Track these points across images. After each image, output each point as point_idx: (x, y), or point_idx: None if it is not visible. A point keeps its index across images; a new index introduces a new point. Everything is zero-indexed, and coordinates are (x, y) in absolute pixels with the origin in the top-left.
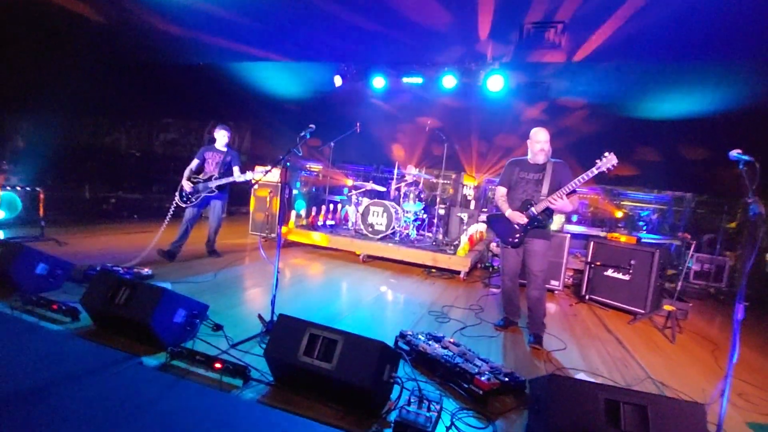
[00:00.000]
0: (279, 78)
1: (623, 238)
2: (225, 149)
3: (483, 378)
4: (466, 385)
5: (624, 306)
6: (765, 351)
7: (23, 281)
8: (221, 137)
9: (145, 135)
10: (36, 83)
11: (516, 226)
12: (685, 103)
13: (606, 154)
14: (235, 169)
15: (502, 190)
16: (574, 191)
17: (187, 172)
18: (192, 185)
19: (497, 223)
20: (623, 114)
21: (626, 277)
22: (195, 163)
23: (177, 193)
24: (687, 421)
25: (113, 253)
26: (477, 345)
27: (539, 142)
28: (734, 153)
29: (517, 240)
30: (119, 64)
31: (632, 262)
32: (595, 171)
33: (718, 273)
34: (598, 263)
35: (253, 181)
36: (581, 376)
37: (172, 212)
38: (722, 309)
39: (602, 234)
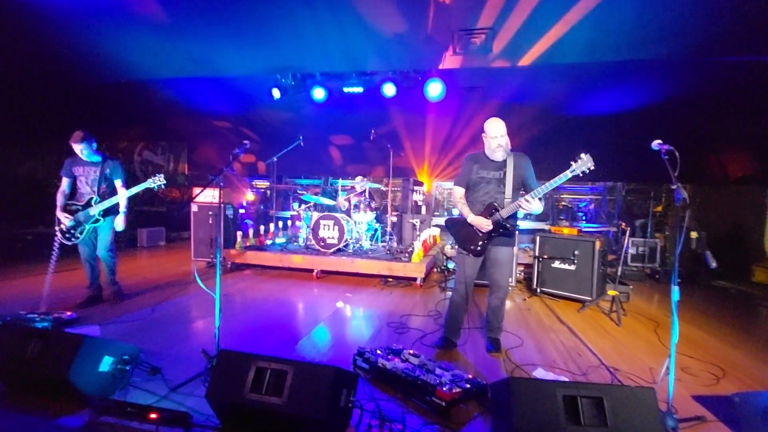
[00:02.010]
0: (213, 94)
1: (566, 230)
2: (98, 159)
3: (444, 388)
4: (428, 398)
5: (573, 295)
6: (699, 324)
7: None
8: (81, 150)
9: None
10: None
11: (479, 232)
12: (610, 100)
13: (582, 155)
14: (118, 183)
15: (459, 191)
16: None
17: (60, 199)
18: (69, 217)
19: (457, 228)
20: (558, 113)
21: (572, 267)
22: (65, 183)
23: (56, 229)
24: (640, 406)
25: (32, 297)
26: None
27: (495, 137)
28: (655, 144)
29: (479, 248)
30: (30, 88)
31: (576, 252)
32: (569, 174)
33: (651, 254)
34: (546, 256)
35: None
36: (540, 371)
37: (56, 254)
38: (659, 287)
39: (547, 227)
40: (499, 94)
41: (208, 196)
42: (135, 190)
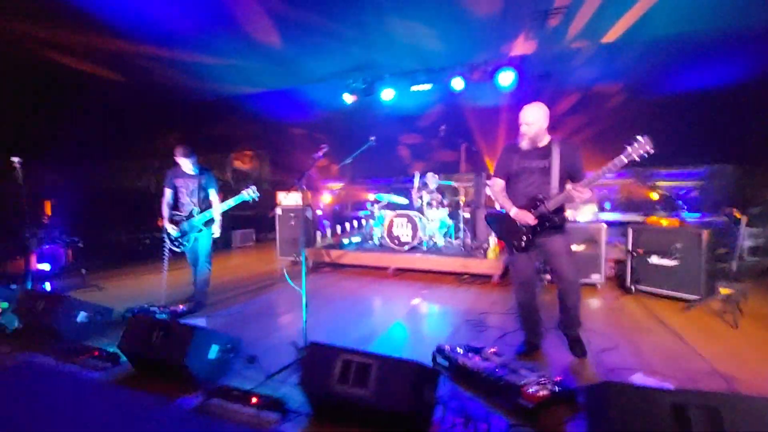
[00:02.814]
0: (290, 104)
1: (664, 221)
2: (196, 171)
3: (531, 390)
4: (514, 399)
5: (675, 293)
6: None
7: (66, 331)
8: (186, 164)
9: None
10: (68, 138)
11: (523, 227)
12: (712, 73)
13: (638, 137)
14: (212, 193)
15: (499, 183)
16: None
17: (166, 212)
18: (176, 227)
19: (497, 223)
20: (646, 93)
21: (673, 263)
22: (169, 194)
23: (165, 237)
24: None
25: (151, 292)
26: None
27: (521, 125)
28: None
29: (524, 244)
30: (142, 111)
31: (678, 245)
32: (624, 159)
33: None
34: (640, 250)
35: (278, 207)
36: (638, 377)
37: (167, 257)
38: None
39: (640, 219)
40: (577, 78)
41: (290, 199)
42: (232, 203)
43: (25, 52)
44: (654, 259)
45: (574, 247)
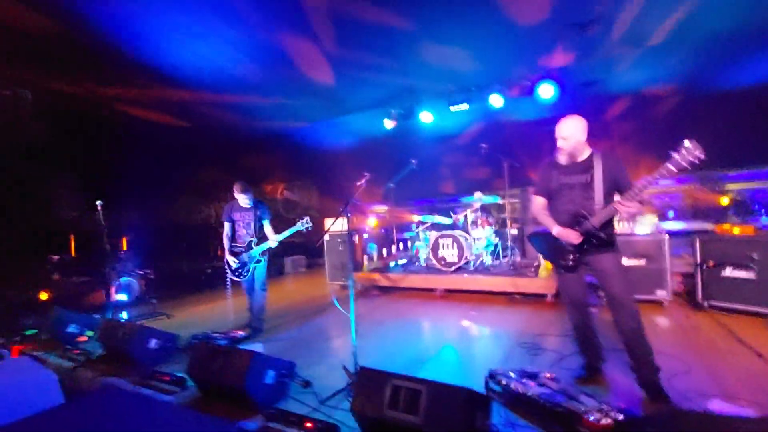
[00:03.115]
0: (334, 133)
1: (736, 229)
2: (251, 204)
3: (592, 418)
4: (573, 428)
5: (756, 309)
6: None
7: (140, 357)
8: (242, 199)
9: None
10: (138, 182)
11: (568, 246)
12: None
13: (685, 142)
14: (266, 224)
15: (540, 201)
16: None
17: (227, 244)
18: (236, 259)
19: (541, 242)
20: (702, 91)
21: (751, 275)
22: (227, 227)
23: (227, 268)
24: None
25: (213, 319)
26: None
27: (557, 139)
28: None
29: (571, 263)
30: (201, 151)
31: (754, 255)
32: (671, 168)
33: None
34: (711, 263)
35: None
36: (715, 404)
37: (230, 288)
38: None
39: (709, 227)
40: (624, 83)
41: (337, 225)
42: (287, 234)
43: (102, 109)
44: (728, 272)
45: (634, 262)
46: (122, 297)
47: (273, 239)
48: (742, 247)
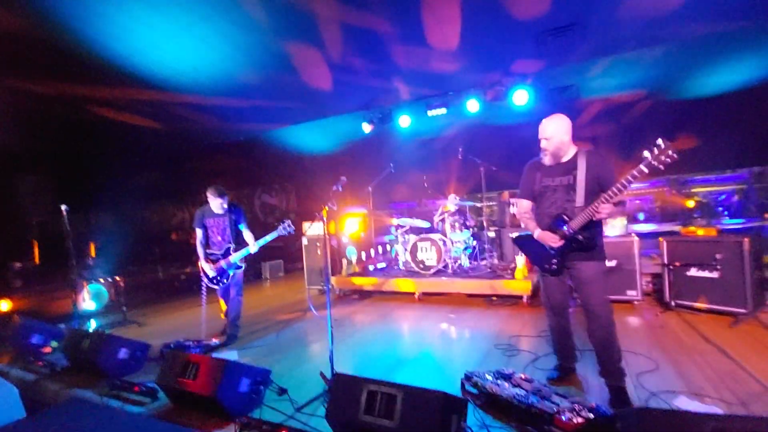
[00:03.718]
0: (312, 136)
1: (700, 231)
2: (223, 210)
3: (564, 417)
4: (546, 428)
5: (720, 308)
6: None
7: (109, 367)
8: (216, 205)
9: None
10: (108, 185)
11: (551, 250)
12: (747, 70)
13: (659, 141)
14: (243, 228)
15: (524, 204)
16: (621, 198)
17: (201, 251)
18: (213, 267)
19: (527, 245)
20: (671, 96)
21: (714, 275)
22: (200, 233)
23: (203, 276)
24: None
25: (186, 327)
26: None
27: (541, 140)
28: None
29: (555, 267)
30: (175, 154)
31: (717, 256)
32: (644, 169)
33: None
34: (677, 263)
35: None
36: (681, 400)
37: (205, 295)
38: None
39: (677, 229)
40: (596, 88)
41: (314, 229)
42: (269, 238)
43: (72, 109)
44: (693, 272)
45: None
46: (90, 305)
47: (253, 245)
48: (706, 248)
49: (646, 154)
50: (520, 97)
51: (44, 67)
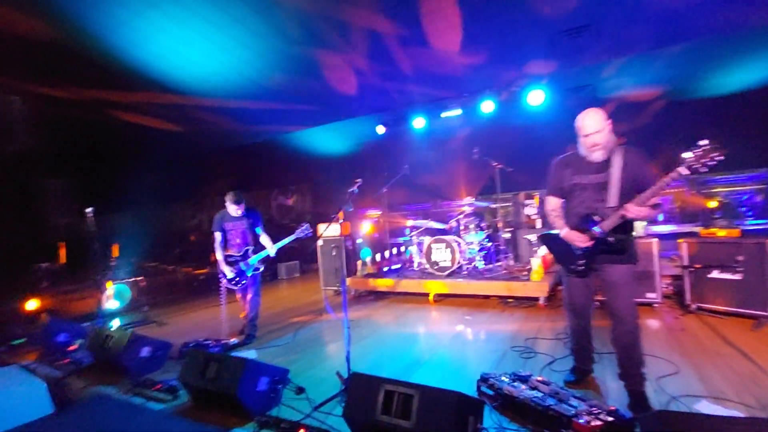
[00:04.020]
0: (328, 138)
1: (722, 232)
2: (241, 213)
3: (582, 420)
4: (563, 431)
5: (741, 310)
6: None
7: (131, 365)
8: (233, 210)
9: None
10: (130, 187)
11: (578, 250)
12: (764, 66)
13: (702, 142)
14: (260, 231)
15: (553, 202)
16: (656, 200)
17: (221, 254)
18: (233, 269)
19: (553, 243)
20: (689, 96)
21: (737, 277)
22: (219, 237)
23: (223, 278)
24: None
25: (205, 326)
26: None
27: (588, 136)
28: None
29: (581, 268)
30: (194, 156)
31: (739, 258)
32: (683, 171)
33: None
34: (698, 265)
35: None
36: (703, 404)
37: (224, 295)
38: None
39: (698, 230)
40: (611, 87)
41: (330, 230)
42: (286, 241)
43: (94, 113)
44: (714, 274)
45: None
46: (114, 304)
47: (271, 248)
48: (728, 250)
49: (688, 154)
50: (536, 98)
51: (68, 74)
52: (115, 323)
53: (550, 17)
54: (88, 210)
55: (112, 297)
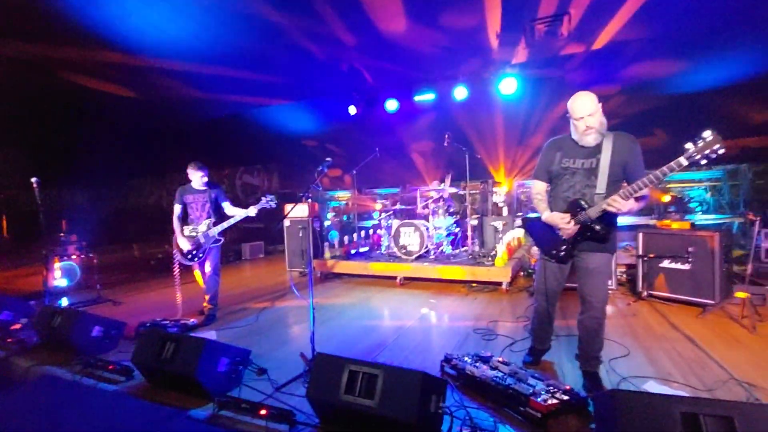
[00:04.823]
0: (297, 117)
1: (675, 225)
2: (205, 188)
3: (539, 399)
4: (522, 409)
5: (689, 298)
6: None
7: (82, 345)
8: (196, 178)
9: None
10: (83, 158)
11: (561, 235)
12: (721, 71)
13: (705, 134)
14: (226, 205)
15: (539, 186)
16: (645, 192)
17: (178, 226)
18: (190, 240)
19: (536, 228)
20: (653, 92)
21: (686, 267)
22: (178, 209)
23: (177, 253)
24: None
25: (163, 306)
26: None
27: (582, 118)
28: None
29: (563, 254)
30: (153, 129)
31: (690, 249)
32: (683, 161)
33: None
34: (651, 255)
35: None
36: (651, 384)
37: (179, 274)
38: None
39: (652, 222)
40: (579, 79)
41: (298, 211)
42: (253, 210)
43: (45, 75)
44: (666, 264)
45: None
46: (61, 282)
47: (239, 213)
48: (679, 242)
49: (689, 145)
50: (508, 86)
51: (12, 27)
52: (64, 302)
53: (521, 5)
54: (34, 180)
55: (60, 274)
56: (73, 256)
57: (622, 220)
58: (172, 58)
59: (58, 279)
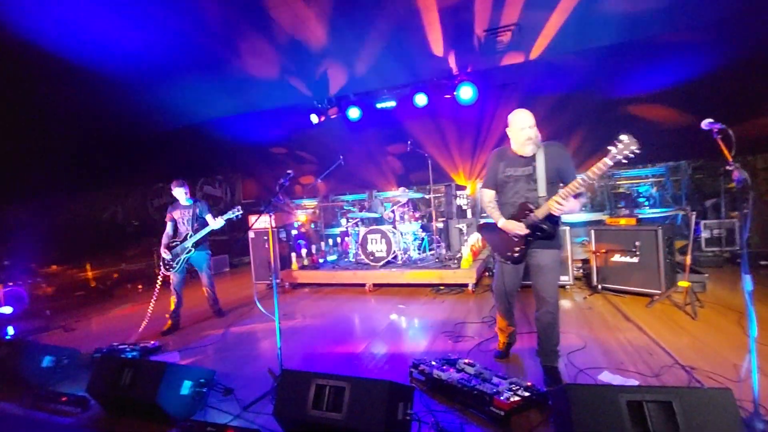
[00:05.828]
0: (259, 126)
1: (623, 221)
2: (190, 203)
3: (502, 397)
4: (486, 408)
5: (639, 290)
6: None
7: (32, 377)
8: (180, 194)
9: (140, 204)
10: (26, 171)
11: (515, 238)
12: (660, 76)
13: (622, 137)
14: (209, 218)
15: (488, 194)
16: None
17: (165, 240)
18: (169, 251)
19: (491, 233)
20: (602, 97)
21: (635, 260)
22: (170, 227)
23: (160, 263)
24: (717, 409)
25: (121, 329)
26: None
27: (523, 129)
28: (705, 123)
29: (518, 255)
30: (104, 140)
31: (637, 243)
32: (609, 162)
33: (729, 236)
34: (603, 250)
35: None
36: (606, 375)
37: (160, 283)
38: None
39: (604, 218)
40: (534, 87)
41: (263, 222)
42: (220, 221)
43: None
44: (617, 258)
45: None
46: (6, 310)
47: (215, 222)
48: (626, 236)
49: (611, 148)
50: (466, 93)
51: None
52: (10, 331)
53: (476, 16)
54: None
55: (5, 302)
56: (19, 281)
57: (576, 217)
58: (121, 67)
59: (3, 307)
